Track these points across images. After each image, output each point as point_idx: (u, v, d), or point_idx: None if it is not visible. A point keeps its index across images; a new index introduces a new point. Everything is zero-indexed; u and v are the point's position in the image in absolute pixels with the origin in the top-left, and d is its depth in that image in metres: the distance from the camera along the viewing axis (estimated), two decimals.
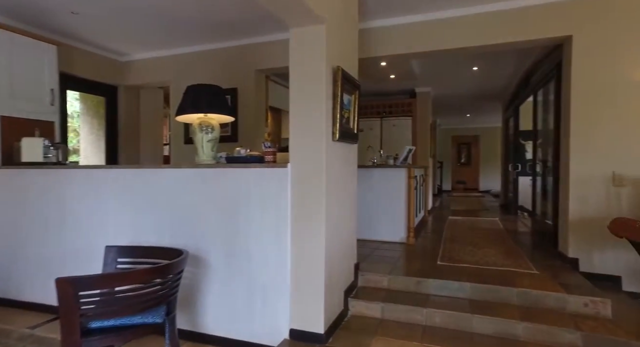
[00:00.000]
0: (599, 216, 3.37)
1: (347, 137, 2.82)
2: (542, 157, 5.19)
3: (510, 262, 3.48)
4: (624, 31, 3.29)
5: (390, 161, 4.78)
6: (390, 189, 4.56)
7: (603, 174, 3.35)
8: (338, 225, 2.76)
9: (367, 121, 7.89)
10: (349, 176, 3.03)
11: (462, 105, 9.43)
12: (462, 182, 15.36)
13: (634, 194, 3.26)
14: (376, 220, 4.63)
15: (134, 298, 1.86)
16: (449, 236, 4.87)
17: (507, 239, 4.67)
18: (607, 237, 3.34)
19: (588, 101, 3.40)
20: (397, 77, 6.25)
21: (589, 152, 3.39)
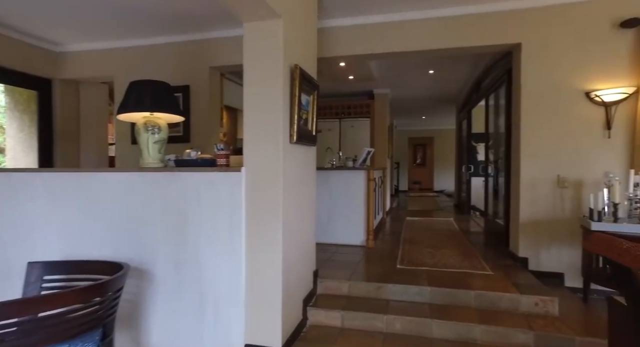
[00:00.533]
0: (546, 216, 3.52)
1: (306, 140, 2.70)
2: (494, 159, 5.40)
3: (467, 264, 3.55)
4: (565, 41, 3.46)
5: (349, 163, 4.74)
6: (350, 192, 4.51)
7: (549, 176, 3.51)
8: (296, 231, 2.63)
9: (326, 122, 7.83)
10: (308, 179, 2.92)
11: (419, 107, 9.67)
12: (418, 183, 15.83)
13: (574, 195, 3.44)
14: (335, 223, 4.56)
15: (63, 324, 1.61)
16: (408, 238, 4.91)
17: (462, 239, 4.79)
18: (552, 237, 3.50)
19: (536, 107, 3.54)
20: (356, 78, 6.24)
21: (538, 156, 3.53)
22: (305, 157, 2.85)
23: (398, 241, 4.75)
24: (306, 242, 2.89)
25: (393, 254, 4.03)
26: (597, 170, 3.38)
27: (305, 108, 2.72)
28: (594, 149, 3.40)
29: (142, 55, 4.62)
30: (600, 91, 3.32)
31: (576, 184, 3.44)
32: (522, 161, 3.57)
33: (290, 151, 2.49)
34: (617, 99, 3.30)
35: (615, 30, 3.35)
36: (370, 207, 4.40)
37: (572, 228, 3.44)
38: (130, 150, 4.75)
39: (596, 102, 3.38)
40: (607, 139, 3.37)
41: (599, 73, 3.38)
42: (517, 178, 3.67)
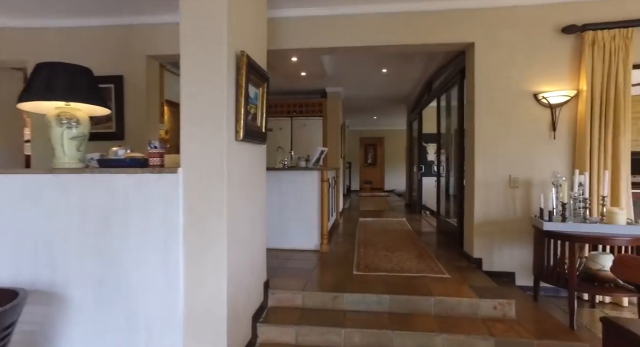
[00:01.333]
0: (499, 217, 3.53)
1: (254, 137, 2.42)
2: (446, 160, 5.45)
3: (424, 267, 3.46)
4: (515, 43, 3.49)
5: (301, 163, 4.50)
6: (302, 193, 4.27)
7: (502, 177, 3.52)
8: (244, 239, 2.34)
9: (277, 121, 7.53)
10: (257, 181, 2.63)
11: (371, 107, 9.69)
12: (369, 182, 16.01)
13: (524, 195, 3.49)
14: (287, 227, 4.30)
15: None
16: (362, 240, 4.77)
17: (416, 240, 4.74)
18: (504, 237, 3.52)
19: (490, 108, 3.54)
20: (309, 75, 6.02)
21: (491, 157, 3.54)
22: (254, 157, 2.56)
23: (353, 243, 4.60)
24: (256, 250, 2.60)
25: (349, 258, 3.85)
26: (544, 170, 3.45)
27: (254, 102, 2.44)
28: (542, 149, 3.47)
29: (64, 38, 4.01)
30: (547, 93, 3.38)
31: (526, 184, 3.49)
32: (476, 162, 3.56)
33: (236, 149, 2.19)
34: (561, 101, 3.38)
35: (557, 35, 3.43)
36: (324, 209, 4.20)
37: (522, 227, 3.48)
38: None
39: (543, 104, 3.45)
40: (552, 140, 3.45)
41: (545, 76, 3.45)
42: (471, 179, 3.65)
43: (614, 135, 3.23)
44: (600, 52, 3.27)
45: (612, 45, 3.25)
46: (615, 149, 3.23)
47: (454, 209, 5.55)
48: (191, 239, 2.01)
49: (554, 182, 3.07)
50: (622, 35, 3.24)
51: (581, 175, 3.07)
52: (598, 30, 3.28)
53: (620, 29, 3.24)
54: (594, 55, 3.28)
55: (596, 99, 3.26)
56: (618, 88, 3.22)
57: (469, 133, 3.74)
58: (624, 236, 2.61)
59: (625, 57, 3.22)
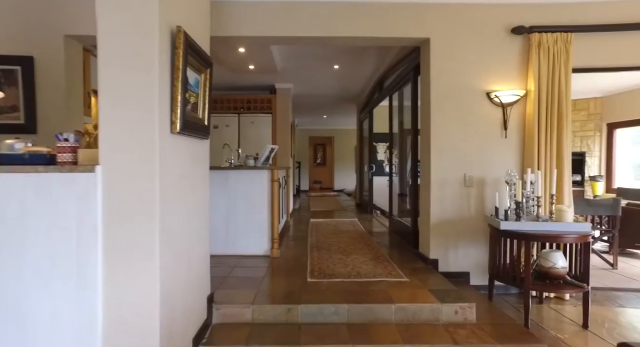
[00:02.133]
0: (454, 216, 3.49)
1: (194, 130, 2.07)
2: (399, 159, 5.41)
3: (381, 270, 3.30)
4: (469, 41, 3.47)
5: (250, 162, 4.16)
6: (251, 195, 3.94)
7: (457, 175, 3.48)
8: (181, 249, 1.99)
9: (223, 117, 7.07)
10: (198, 181, 2.28)
11: (321, 105, 9.53)
12: (319, 182, 15.90)
13: (478, 194, 3.48)
14: (235, 231, 3.94)
15: None
16: (315, 243, 4.55)
17: (370, 241, 4.62)
18: (459, 237, 3.48)
19: (445, 106, 3.49)
20: (257, 68, 5.67)
21: (447, 155, 3.48)
22: (194, 153, 2.20)
23: (305, 247, 4.35)
24: (197, 261, 2.25)
25: (302, 263, 3.59)
26: (497, 168, 3.46)
27: (194, 90, 2.09)
28: (494, 148, 3.48)
29: None
30: (499, 92, 3.40)
31: (480, 182, 3.48)
32: (433, 160, 3.49)
33: (172, 144, 1.84)
34: (511, 100, 3.41)
35: (508, 35, 3.47)
36: (274, 211, 3.90)
37: (477, 226, 3.47)
38: None
39: (495, 103, 3.46)
40: (504, 139, 3.48)
41: (497, 75, 3.47)
42: (427, 178, 3.58)
43: (558, 135, 3.32)
44: (545, 54, 3.34)
45: (555, 48, 3.33)
46: (559, 149, 3.32)
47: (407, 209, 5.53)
48: (113, 255, 1.63)
49: (508, 180, 3.07)
50: (563, 39, 3.33)
51: (532, 173, 3.10)
52: (543, 32, 3.35)
53: (561, 33, 3.34)
54: (539, 57, 3.34)
55: (542, 100, 3.32)
56: (560, 90, 3.31)
57: (425, 131, 3.67)
58: (573, 234, 2.64)
59: (566, 60, 3.32)
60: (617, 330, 2.71)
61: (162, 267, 1.70)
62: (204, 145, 2.38)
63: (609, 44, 3.39)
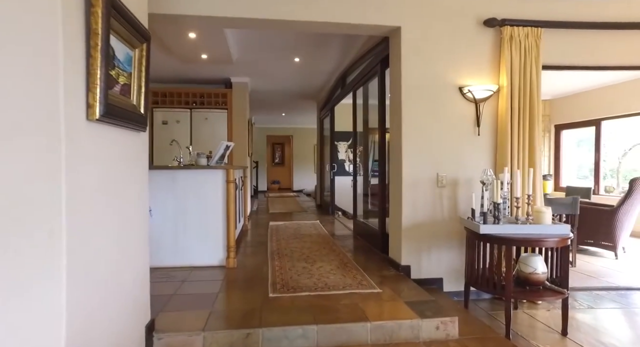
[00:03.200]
0: (427, 219, 3.26)
1: (126, 118, 1.62)
2: (364, 158, 5.15)
3: (350, 280, 2.99)
4: (441, 32, 3.26)
5: (202, 161, 3.69)
6: (204, 197, 3.48)
7: (429, 175, 3.26)
8: (105, 272, 1.53)
9: (173, 112, 6.45)
10: (132, 182, 1.82)
11: (279, 102, 9.11)
12: (277, 182, 15.45)
13: (450, 195, 3.29)
14: (185, 239, 3.45)
15: None
16: (276, 249, 4.16)
17: (336, 247, 4.30)
18: (432, 241, 3.27)
19: (417, 101, 3.25)
20: (211, 58, 5.16)
21: (419, 155, 3.25)
22: (126, 148, 1.75)
23: (265, 254, 3.95)
24: (130, 284, 1.79)
25: (262, 275, 3.20)
26: (470, 168, 3.29)
27: (125, 67, 1.64)
28: (467, 146, 3.30)
29: None
30: (472, 87, 3.22)
31: (453, 182, 3.29)
32: (404, 160, 3.23)
33: (90, 134, 1.38)
34: (484, 96, 3.25)
35: (480, 27, 3.30)
36: (230, 215, 3.47)
37: (450, 229, 3.27)
38: None
39: (468, 98, 3.28)
40: (477, 137, 3.31)
41: (469, 69, 3.29)
42: (397, 178, 3.32)
43: (530, 132, 3.21)
44: (517, 49, 3.21)
45: (526, 42, 3.21)
46: (531, 147, 3.21)
47: (371, 209, 5.29)
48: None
49: (484, 180, 2.88)
50: (533, 34, 3.22)
51: (508, 173, 2.94)
52: (515, 26, 3.22)
53: (532, 28, 3.22)
54: (512, 51, 3.20)
55: (515, 96, 3.19)
56: (532, 86, 3.20)
57: (395, 129, 3.41)
58: (554, 237, 2.49)
59: (537, 56, 3.22)
60: (595, 336, 2.60)
61: (73, 301, 1.25)
62: (141, 139, 1.92)
63: (578, 42, 3.34)
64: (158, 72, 6.09)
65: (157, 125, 6.38)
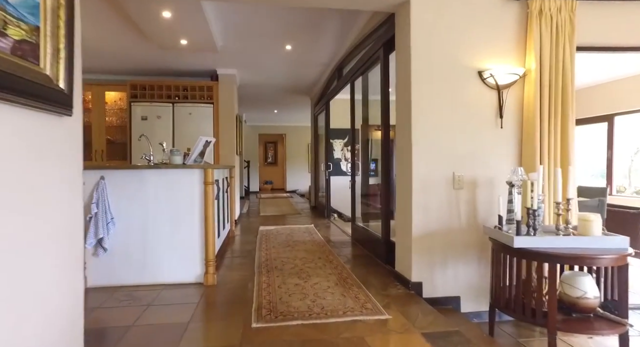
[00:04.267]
0: (441, 227, 2.76)
1: (27, 93, 1.08)
2: (364, 157, 4.64)
3: (352, 302, 2.48)
4: (459, 4, 2.76)
5: (176, 159, 3.15)
6: (177, 202, 2.94)
7: (444, 175, 2.76)
8: None
9: (154, 106, 5.87)
10: (50, 188, 1.28)
11: (271, 98, 8.56)
12: (270, 183, 14.90)
13: (468, 198, 2.79)
14: (155, 252, 2.91)
15: None
16: (265, 260, 3.63)
17: (333, 256, 3.78)
18: (448, 253, 2.76)
19: (429, 88, 2.75)
20: (192, 45, 4.61)
21: (433, 152, 2.74)
22: (36, 138, 1.20)
23: (252, 266, 3.43)
24: (44, 337, 1.25)
25: (246, 295, 2.67)
26: (491, 166, 2.79)
27: (24, 16, 1.10)
28: (488, 140, 2.80)
29: None
30: (494, 70, 2.72)
31: (471, 183, 2.78)
32: (415, 158, 2.73)
33: None
34: (509, 81, 2.76)
35: (503, 0, 2.81)
36: (209, 223, 2.94)
37: (468, 239, 2.77)
38: None
39: (489, 84, 2.79)
40: (499, 129, 2.82)
41: (490, 50, 2.79)
42: (407, 180, 2.81)
43: (562, 124, 2.72)
44: (547, 25, 2.71)
45: (559, 18, 2.72)
46: (564, 141, 2.72)
47: (371, 212, 4.80)
48: None
49: (513, 181, 2.38)
50: (567, 7, 2.73)
51: (541, 172, 2.44)
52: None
53: (565, 0, 2.73)
54: (541, 27, 2.71)
55: (544, 81, 2.70)
56: (565, 69, 2.71)
57: (403, 121, 2.90)
58: (610, 252, 1.98)
59: (571, 34, 2.72)
60: None
61: None
62: (64, 127, 1.38)
63: (620, 18, 2.85)
64: (135, 62, 5.53)
65: (136, 121, 5.81)
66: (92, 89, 5.88)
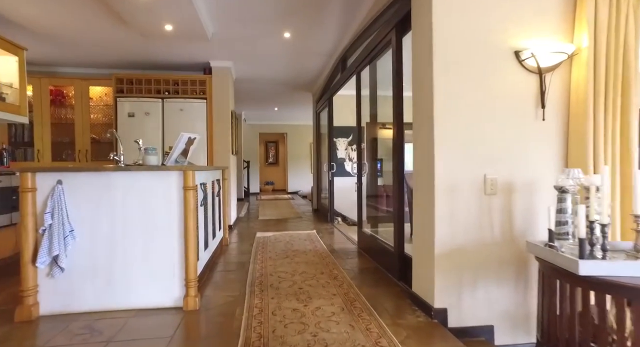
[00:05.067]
0: (469, 240, 2.26)
1: None
2: (372, 156, 4.15)
3: (363, 338, 1.97)
4: None
5: (151, 159, 2.66)
6: (150, 211, 2.46)
7: (473, 178, 2.26)
8: None
9: (142, 102, 5.40)
10: None
11: (270, 94, 8.07)
12: (271, 183, 14.44)
13: (503, 205, 2.28)
14: (122, 271, 2.43)
15: None
16: (259, 275, 3.14)
17: (338, 271, 3.29)
18: (478, 273, 2.26)
19: (453, 75, 2.25)
20: (178, 31, 4.13)
21: (458, 151, 2.24)
22: None
23: (244, 283, 2.94)
24: None
25: (232, 327, 2.18)
26: (530, 166, 2.30)
27: None
28: (527, 136, 2.30)
29: None
30: (535, 49, 2.22)
31: (506, 188, 2.28)
32: (437, 155, 2.23)
33: None
34: (552, 63, 2.26)
35: None
36: (189, 235, 2.45)
37: (502, 256, 2.27)
38: None
39: (528, 67, 2.28)
40: (540, 122, 2.31)
41: (530, 24, 2.29)
42: (427, 182, 2.31)
43: (622, 115, 2.21)
44: None
45: None
46: (624, 137, 2.21)
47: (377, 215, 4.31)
48: None
49: (564, 186, 1.88)
50: None
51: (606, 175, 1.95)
52: None
53: None
54: None
55: (600, 62, 2.18)
56: (627, 47, 2.20)
57: (422, 115, 2.40)
58: None
59: (636, 4, 2.21)
60: None
61: None
62: None
63: None
64: (119, 53, 5.06)
65: (122, 118, 5.34)
66: (75, 83, 5.42)
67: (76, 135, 5.43)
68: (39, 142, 5.30)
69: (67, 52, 4.98)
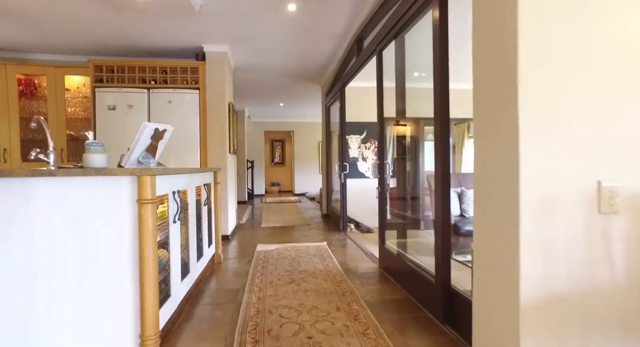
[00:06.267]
0: (574, 284, 1.44)
1: None
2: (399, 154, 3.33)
3: None
4: None
5: (95, 158, 1.88)
6: (88, 235, 1.68)
7: (581, 188, 1.44)
8: None
9: (124, 93, 4.66)
10: None
11: (275, 87, 7.28)
12: (277, 184, 13.69)
13: (629, 229, 1.45)
14: (48, 322, 1.66)
15: None
16: (253, 315, 2.35)
17: (358, 305, 2.48)
18: (586, 334, 1.44)
19: (551, 23, 1.43)
20: (161, 7, 3.38)
21: (556, 145, 1.43)
22: None
23: (233, 327, 2.15)
24: None
25: None
26: None
27: None
28: None
29: None
30: None
31: (632, 204, 1.46)
32: (523, 153, 1.41)
33: None
34: None
35: None
36: (145, 270, 1.67)
37: (630, 309, 1.45)
38: None
39: None
40: None
41: None
42: (508, 192, 1.49)
43: None
44: None
45: None
46: None
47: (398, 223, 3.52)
48: None
49: None
50: None
51: None
52: None
53: None
54: None
55: None
56: None
57: (494, 90, 1.58)
58: None
59: None
60: None
61: None
62: None
63: None
64: (98, 35, 4.31)
65: (102, 111, 4.60)
66: (48, 71, 4.70)
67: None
68: (5, 141, 4.59)
69: (36, 34, 4.26)
